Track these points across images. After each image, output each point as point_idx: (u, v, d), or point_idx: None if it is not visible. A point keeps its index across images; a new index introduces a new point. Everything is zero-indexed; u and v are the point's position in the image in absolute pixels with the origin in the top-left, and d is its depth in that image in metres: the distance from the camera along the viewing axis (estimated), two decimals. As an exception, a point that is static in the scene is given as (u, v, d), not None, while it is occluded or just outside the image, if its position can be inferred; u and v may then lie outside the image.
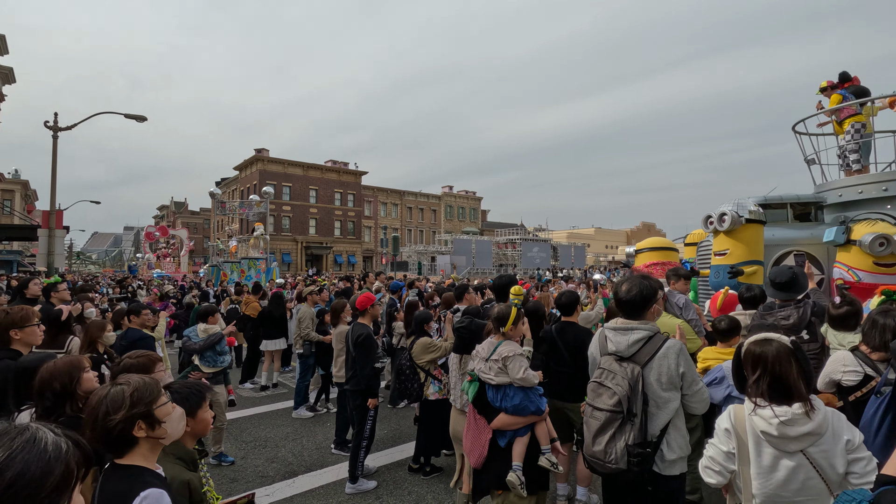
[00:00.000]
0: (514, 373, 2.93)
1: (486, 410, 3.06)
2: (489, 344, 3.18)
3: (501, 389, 2.98)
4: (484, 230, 63.11)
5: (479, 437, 3.08)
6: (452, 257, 43.84)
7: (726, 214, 5.96)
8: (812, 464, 1.99)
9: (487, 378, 3.01)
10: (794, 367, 2.00)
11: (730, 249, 6.13)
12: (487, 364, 3.03)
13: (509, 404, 2.93)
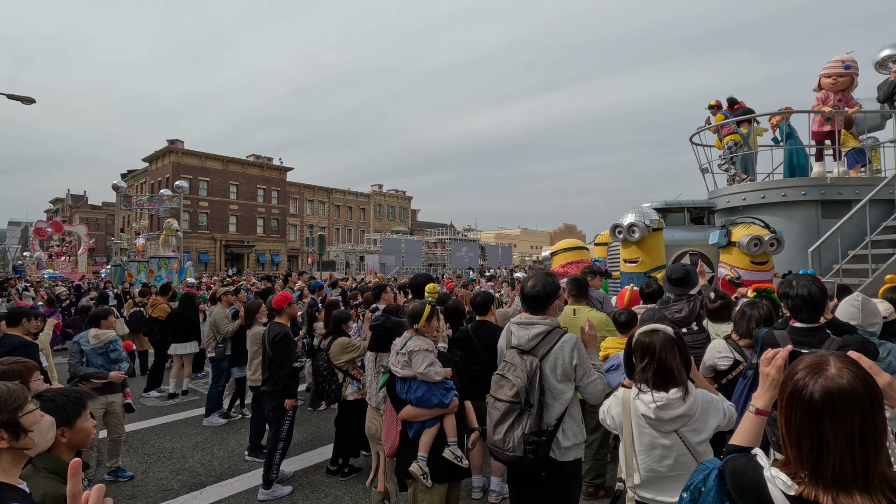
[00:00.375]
0: (416, 366, 3.00)
1: (397, 402, 3.13)
2: (402, 338, 3.25)
3: (407, 382, 3.06)
4: (414, 230, 63.14)
5: (391, 427, 3.16)
6: (381, 257, 43.46)
7: (636, 227, 6.42)
8: (684, 442, 2.22)
9: (395, 370, 3.09)
10: (676, 355, 2.22)
11: (640, 258, 6.64)
12: (397, 357, 3.11)
13: (413, 396, 3.02)
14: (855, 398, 1.15)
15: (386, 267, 42.07)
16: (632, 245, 6.55)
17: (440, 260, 50.79)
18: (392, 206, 65.01)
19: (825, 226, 7.27)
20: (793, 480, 1.24)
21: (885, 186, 6.95)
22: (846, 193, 7.40)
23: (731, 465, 1.44)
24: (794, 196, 7.67)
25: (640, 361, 2.26)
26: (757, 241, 6.20)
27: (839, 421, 1.15)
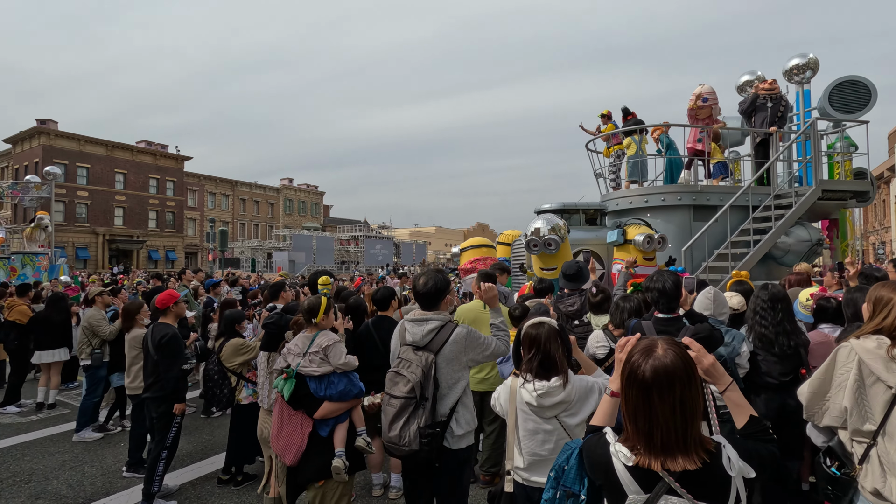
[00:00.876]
0: (336, 359, 3.03)
1: (307, 403, 3.06)
2: (304, 338, 3.17)
3: (325, 379, 3.03)
4: (326, 226, 61.32)
5: (295, 432, 3.05)
6: (291, 254, 41.70)
7: (552, 242, 6.73)
8: (564, 428, 2.40)
9: (310, 371, 3.02)
10: (559, 345, 2.38)
11: (556, 266, 6.99)
12: (308, 357, 3.03)
13: (335, 391, 3.02)
14: (676, 374, 1.34)
15: (296, 264, 40.46)
16: (548, 255, 6.94)
17: (353, 257, 49.86)
18: (303, 202, 62.54)
19: (696, 228, 8.18)
20: (631, 452, 1.39)
21: (742, 194, 8.00)
22: (713, 200, 8.40)
23: (586, 444, 1.58)
24: (672, 201, 8.56)
25: (527, 352, 2.40)
26: (650, 239, 6.89)
27: (664, 394, 1.33)
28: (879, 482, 2.04)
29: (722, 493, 1.34)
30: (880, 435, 2.05)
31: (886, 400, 2.04)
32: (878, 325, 2.12)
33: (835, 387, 2.19)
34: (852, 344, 2.15)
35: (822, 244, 8.57)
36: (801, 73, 9.19)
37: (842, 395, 2.14)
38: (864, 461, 2.09)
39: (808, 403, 2.28)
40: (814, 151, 8.50)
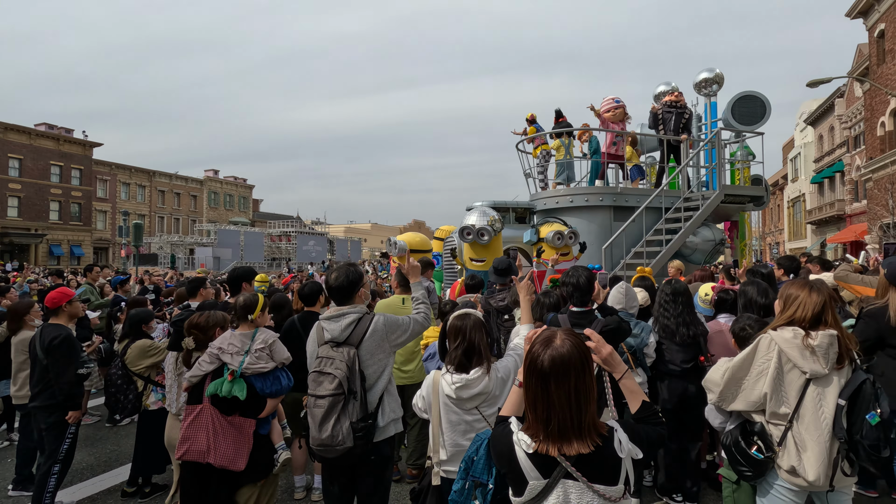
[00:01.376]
0: (280, 355, 3.07)
1: (247, 404, 2.95)
2: (241, 336, 3.06)
3: (271, 375, 3.02)
4: (255, 221, 58.59)
5: (241, 437, 2.92)
6: (216, 250, 39.50)
7: (485, 231, 6.86)
8: (484, 418, 2.45)
9: (259, 368, 2.96)
10: (483, 336, 2.42)
11: (486, 259, 7.14)
12: (256, 355, 2.98)
13: (279, 386, 3.04)
14: (571, 362, 1.40)
15: (221, 261, 38.37)
16: (479, 246, 7.07)
17: (285, 254, 48.09)
18: (230, 195, 59.29)
19: (616, 227, 8.68)
20: (532, 440, 1.45)
21: (656, 197, 8.58)
22: (631, 201, 8.94)
23: (493, 434, 1.62)
24: (595, 201, 9.01)
25: (453, 342, 2.42)
26: (559, 235, 7.26)
27: (561, 382, 1.39)
28: (795, 460, 2.24)
29: (613, 474, 1.43)
30: (795, 418, 2.26)
31: (800, 385, 2.26)
32: (790, 317, 2.33)
33: (753, 374, 2.35)
34: (772, 335, 2.34)
35: (724, 244, 9.40)
36: (709, 86, 10.00)
37: (762, 382, 2.31)
38: (781, 443, 2.29)
39: (723, 388, 2.42)
40: (718, 159, 9.29)
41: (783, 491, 2.32)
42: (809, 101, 35.78)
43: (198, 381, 2.95)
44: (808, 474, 2.20)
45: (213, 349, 2.99)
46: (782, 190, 42.09)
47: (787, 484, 2.30)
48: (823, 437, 2.22)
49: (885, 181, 22.47)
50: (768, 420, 2.35)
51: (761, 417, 2.38)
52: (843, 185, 29.95)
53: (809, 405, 2.25)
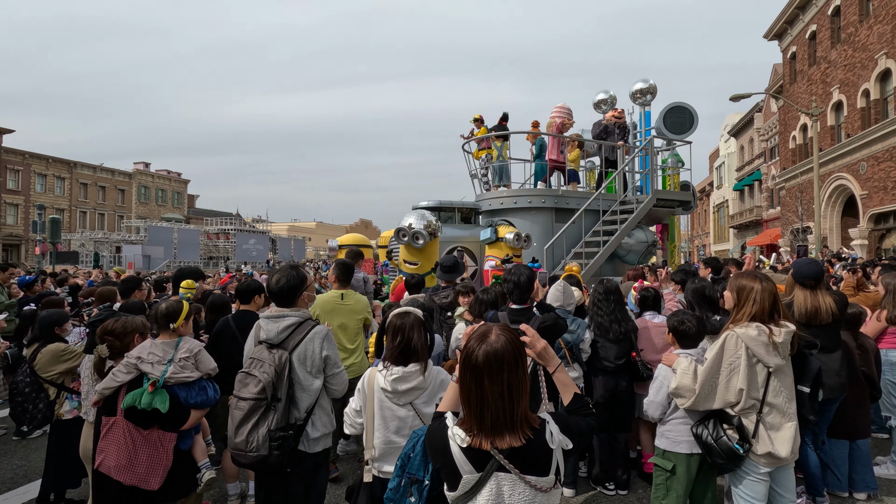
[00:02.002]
0: (205, 365, 2.93)
1: (168, 416, 2.76)
2: (162, 345, 2.88)
3: (195, 385, 2.87)
4: (191, 218, 55.53)
5: (159, 452, 2.73)
6: (146, 248, 37.08)
7: (419, 235, 6.92)
8: (418, 413, 2.44)
9: (183, 378, 2.80)
10: (422, 334, 2.40)
11: (420, 262, 7.20)
12: (180, 364, 2.82)
13: (205, 397, 2.89)
14: (505, 357, 1.43)
15: (152, 260, 36.07)
16: (413, 249, 7.09)
17: (223, 252, 45.90)
18: (163, 190, 55.81)
19: (557, 228, 8.97)
20: (466, 434, 1.46)
21: (594, 200, 8.95)
22: (571, 203, 9.27)
23: (429, 430, 1.62)
24: (538, 203, 9.27)
25: (392, 340, 2.38)
26: (518, 237, 7.69)
27: (494, 376, 1.41)
28: (769, 446, 2.46)
29: (544, 465, 1.47)
30: (764, 406, 2.48)
31: (764, 377, 2.48)
32: (749, 313, 2.49)
33: (724, 373, 2.51)
34: (737, 333, 2.48)
35: (656, 245, 9.96)
36: (643, 95, 10.56)
37: (736, 379, 2.48)
38: (755, 434, 2.49)
39: (699, 392, 2.55)
40: (651, 165, 9.83)
41: (756, 473, 2.54)
42: (733, 115, 38.68)
43: (111, 392, 2.75)
44: (781, 453, 2.45)
45: (130, 358, 2.79)
46: (708, 196, 45.20)
47: (760, 467, 2.53)
48: (791, 418, 2.49)
49: (796, 189, 24.68)
50: (741, 414, 2.52)
51: (733, 412, 2.55)
52: (761, 192, 32.58)
53: (773, 394, 2.49)
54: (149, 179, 54.03)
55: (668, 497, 2.85)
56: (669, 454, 2.87)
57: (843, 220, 22.23)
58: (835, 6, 21.37)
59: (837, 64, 21.36)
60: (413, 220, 7.00)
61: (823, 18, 22.32)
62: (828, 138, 21.97)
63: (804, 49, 24.25)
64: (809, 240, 20.25)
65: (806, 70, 24.17)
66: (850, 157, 20.60)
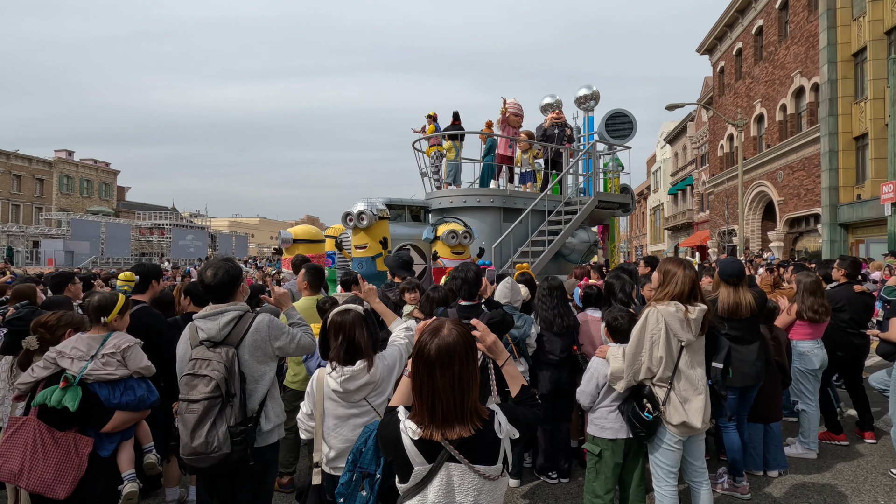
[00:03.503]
0: (136, 363, 2.75)
1: (88, 417, 2.59)
2: (89, 339, 2.71)
3: (122, 383, 2.70)
4: (120, 211, 51.92)
5: (69, 457, 2.53)
6: (69, 242, 34.31)
7: (364, 214, 6.94)
8: (373, 409, 2.44)
9: (104, 375, 2.63)
10: (364, 331, 2.38)
11: (368, 244, 7.17)
12: (102, 360, 2.65)
13: (133, 397, 2.71)
14: (456, 351, 1.48)
15: (76, 255, 33.42)
16: (361, 232, 7.06)
17: (157, 248, 43.31)
18: (88, 180, 51.76)
19: (505, 227, 9.18)
20: (418, 426, 1.50)
21: (541, 200, 9.24)
22: (519, 203, 9.51)
23: (381, 424, 1.65)
24: (486, 202, 9.44)
25: (335, 339, 2.36)
26: (453, 234, 7.62)
27: (446, 369, 1.46)
28: (682, 415, 2.71)
29: (493, 454, 1.53)
30: (675, 377, 2.74)
31: (677, 350, 2.74)
32: (669, 293, 2.76)
33: (646, 345, 2.76)
34: (658, 309, 2.75)
35: (597, 245, 10.41)
36: (587, 101, 11.00)
37: (657, 349, 2.74)
38: (666, 403, 2.75)
39: (628, 369, 2.79)
40: (593, 168, 10.26)
41: (671, 442, 2.81)
42: (668, 123, 41.01)
43: (27, 388, 2.57)
44: (694, 422, 2.71)
45: (51, 352, 2.63)
46: (645, 199, 47.70)
47: (674, 436, 2.79)
48: (700, 391, 2.75)
49: (723, 194, 26.57)
50: (654, 383, 2.80)
51: (648, 382, 2.82)
52: (693, 196, 34.78)
53: (684, 367, 2.75)
54: (72, 169, 49.92)
55: (598, 479, 3.08)
56: (597, 440, 3.10)
57: (763, 223, 24.19)
58: (758, 26, 23.17)
59: (760, 79, 23.18)
60: (363, 206, 7.06)
61: (748, 37, 24.14)
62: (751, 148, 23.81)
63: (731, 64, 26.12)
64: (734, 241, 21.88)
65: (733, 84, 26.05)
66: (770, 165, 22.44)
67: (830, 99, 17.80)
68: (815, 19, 18.84)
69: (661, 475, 2.87)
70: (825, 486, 3.96)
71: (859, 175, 17.52)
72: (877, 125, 16.17)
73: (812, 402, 4.45)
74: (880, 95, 15.93)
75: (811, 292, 4.33)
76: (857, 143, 17.60)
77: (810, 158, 19.43)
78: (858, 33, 17.23)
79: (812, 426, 4.45)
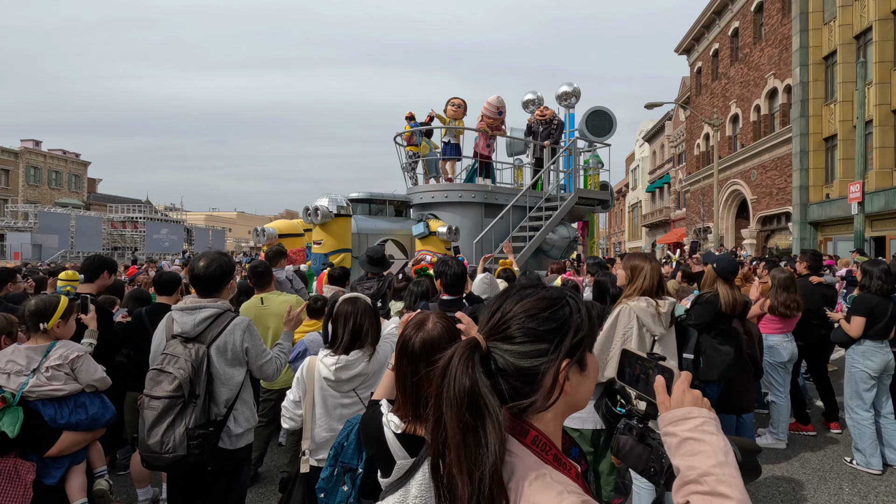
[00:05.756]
0: (88, 375, 2.51)
1: (30, 440, 2.39)
2: (29, 350, 2.48)
3: (71, 400, 2.46)
4: (91, 203, 50.38)
5: (11, 487, 2.34)
6: (37, 236, 33.16)
7: (318, 210, 6.90)
8: (361, 401, 2.42)
9: (49, 391, 2.41)
10: (371, 320, 2.37)
11: (323, 240, 7.12)
12: (47, 374, 2.42)
13: (84, 416, 2.47)
14: (441, 344, 1.48)
15: (44, 249, 32.33)
16: (317, 227, 7.04)
17: (130, 242, 42.21)
18: (57, 172, 50.05)
19: (486, 223, 9.20)
20: (401, 420, 1.49)
21: (522, 196, 9.28)
22: (500, 199, 9.54)
23: (363, 418, 1.64)
24: (468, 198, 9.44)
25: (343, 327, 2.31)
26: (451, 230, 7.80)
27: (431, 363, 1.45)
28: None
29: None
30: None
31: (649, 344, 2.78)
32: (639, 287, 2.79)
33: (618, 342, 2.77)
34: (630, 305, 2.77)
35: (577, 241, 10.52)
36: (568, 98, 11.08)
37: (630, 345, 2.72)
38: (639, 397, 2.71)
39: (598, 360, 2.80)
40: (574, 165, 10.36)
41: None
42: (647, 121, 41.65)
43: None
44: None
45: None
46: (624, 196, 48.42)
47: None
48: None
49: (699, 193, 27.15)
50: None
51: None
52: (670, 194, 35.45)
53: None
54: (39, 159, 48.18)
55: None
56: (566, 430, 3.11)
57: (736, 221, 24.83)
58: (734, 28, 23.66)
59: (735, 80, 23.71)
60: (324, 202, 6.99)
61: (725, 38, 24.64)
62: (726, 147, 24.36)
63: (708, 65, 26.64)
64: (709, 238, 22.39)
65: (709, 84, 26.59)
66: (744, 165, 23.01)
67: (802, 101, 18.32)
68: (789, 22, 19.34)
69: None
70: (793, 474, 4.10)
71: (828, 175, 18.10)
72: (845, 126, 16.71)
73: (782, 393, 4.59)
74: (849, 98, 16.45)
75: (784, 288, 4.46)
76: (826, 144, 18.17)
77: (782, 158, 19.98)
78: (829, 37, 17.75)
79: (782, 417, 4.59)
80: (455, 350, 0.86)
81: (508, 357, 0.85)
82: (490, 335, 0.89)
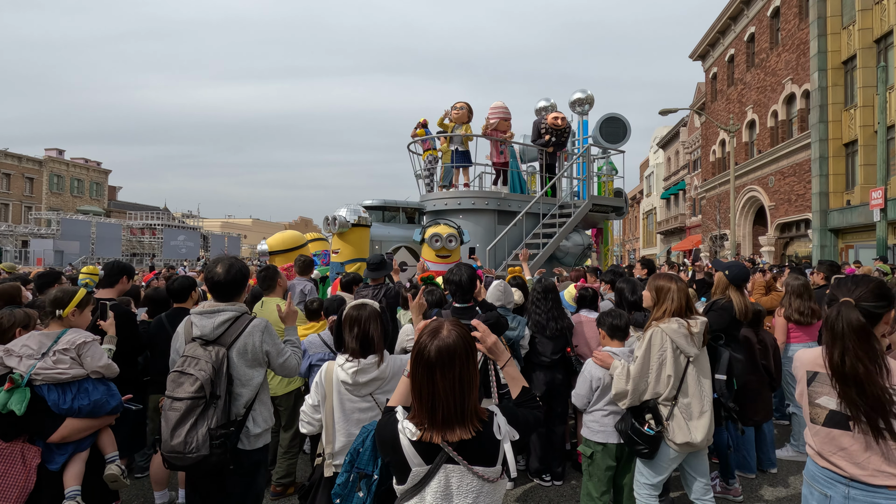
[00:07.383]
0: (94, 361, 2.55)
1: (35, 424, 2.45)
2: (41, 336, 2.55)
3: (75, 386, 2.51)
4: (112, 211, 51.47)
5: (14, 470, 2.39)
6: (59, 242, 33.94)
7: (336, 220, 6.99)
8: (378, 405, 2.43)
9: (54, 375, 2.46)
10: (378, 326, 2.38)
11: (340, 249, 7.18)
12: (53, 358, 2.47)
13: (87, 401, 2.51)
14: (457, 352, 1.48)
15: (66, 255, 33.07)
16: (335, 237, 7.16)
17: (148, 249, 42.98)
18: (79, 180, 51.29)
19: (499, 230, 9.20)
20: (417, 428, 1.50)
21: (535, 203, 9.27)
22: (513, 206, 9.54)
23: (378, 424, 1.65)
24: (481, 205, 9.45)
25: (350, 332, 2.35)
26: (437, 238, 7.27)
27: (446, 371, 1.46)
28: (686, 434, 2.67)
29: (492, 456, 1.53)
30: (680, 394, 2.71)
31: (683, 366, 2.72)
32: (669, 309, 2.73)
33: (654, 366, 2.72)
34: (662, 328, 2.71)
35: (591, 248, 10.46)
36: (581, 105, 11.06)
37: (666, 370, 2.70)
38: (669, 419, 2.71)
39: (633, 391, 2.75)
40: (588, 171, 10.32)
41: (667, 459, 2.77)
42: (662, 128, 41.33)
43: None
44: (697, 439, 2.68)
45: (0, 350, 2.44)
46: (638, 203, 47.98)
47: (671, 453, 2.75)
48: (706, 408, 2.73)
49: (714, 199, 26.79)
50: (661, 402, 2.75)
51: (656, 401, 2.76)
52: (685, 201, 35.04)
53: (691, 381, 2.73)
54: (62, 168, 49.45)
55: (591, 481, 3.10)
56: (589, 442, 3.12)
57: (754, 228, 24.42)
58: (750, 33, 23.42)
59: (752, 86, 23.43)
60: (343, 212, 7.10)
61: (740, 44, 24.40)
62: (742, 153, 24.04)
63: (724, 70, 26.38)
64: (726, 245, 22.05)
65: (725, 90, 26.31)
66: (761, 171, 22.66)
67: (821, 106, 18.03)
68: (806, 27, 19.09)
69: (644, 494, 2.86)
70: (815, 488, 3.99)
71: (849, 181, 17.74)
72: (866, 132, 16.40)
73: (803, 404, 4.48)
74: (870, 103, 16.15)
75: (798, 295, 4.38)
76: (846, 150, 17.83)
77: (801, 164, 19.65)
78: (848, 41, 17.47)
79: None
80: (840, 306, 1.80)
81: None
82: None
